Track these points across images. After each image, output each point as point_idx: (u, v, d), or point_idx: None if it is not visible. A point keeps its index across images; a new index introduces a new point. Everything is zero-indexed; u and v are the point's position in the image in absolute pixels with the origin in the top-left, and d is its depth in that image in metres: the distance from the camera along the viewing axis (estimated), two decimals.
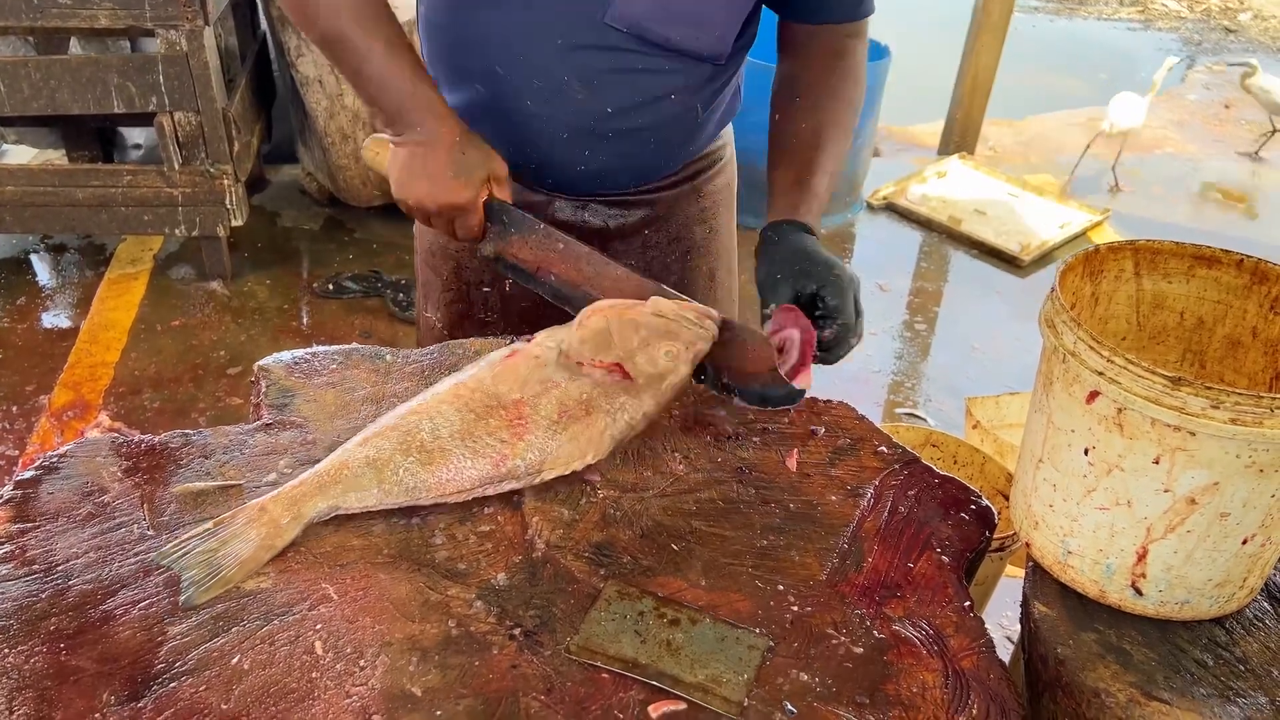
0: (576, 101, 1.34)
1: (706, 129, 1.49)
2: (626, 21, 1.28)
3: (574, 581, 1.03)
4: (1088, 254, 1.12)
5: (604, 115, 1.37)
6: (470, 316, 1.59)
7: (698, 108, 1.42)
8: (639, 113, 1.38)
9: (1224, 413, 0.90)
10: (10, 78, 3.05)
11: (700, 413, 1.28)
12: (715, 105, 1.46)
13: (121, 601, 0.96)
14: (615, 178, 1.47)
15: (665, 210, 1.52)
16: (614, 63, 1.32)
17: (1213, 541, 0.98)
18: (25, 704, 0.86)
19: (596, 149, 1.40)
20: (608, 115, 1.37)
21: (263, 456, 1.15)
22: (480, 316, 1.58)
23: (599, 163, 1.42)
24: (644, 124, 1.39)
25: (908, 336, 3.57)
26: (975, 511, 1.16)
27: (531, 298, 1.52)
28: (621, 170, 1.46)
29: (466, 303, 1.59)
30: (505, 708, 0.89)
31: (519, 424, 1.11)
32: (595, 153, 1.41)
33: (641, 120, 1.39)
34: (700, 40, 1.33)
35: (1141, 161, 5.06)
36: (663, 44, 1.31)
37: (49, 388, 3.01)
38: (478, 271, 1.56)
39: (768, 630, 0.99)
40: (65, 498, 1.07)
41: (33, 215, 3.31)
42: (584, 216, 1.50)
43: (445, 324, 1.62)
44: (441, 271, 1.59)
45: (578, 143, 1.39)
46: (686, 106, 1.41)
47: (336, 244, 3.82)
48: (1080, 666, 0.98)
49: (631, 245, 1.52)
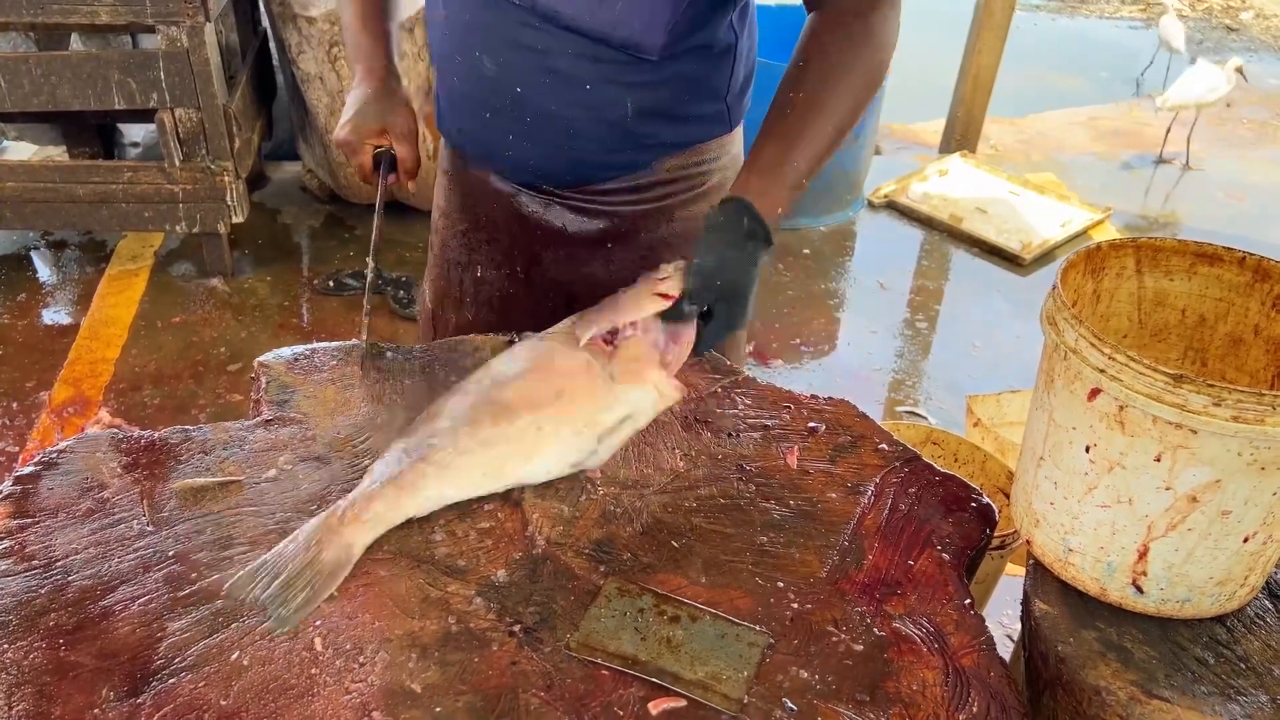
0: (488, 78, 1.33)
1: (654, 132, 1.37)
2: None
3: (574, 578, 1.03)
4: (1089, 251, 1.11)
5: (515, 95, 1.33)
6: (449, 295, 1.61)
7: (626, 103, 1.32)
8: (550, 96, 1.31)
9: (1226, 410, 0.89)
10: (11, 74, 3.04)
11: (700, 410, 1.28)
12: (663, 109, 1.35)
13: (121, 597, 0.96)
14: (550, 169, 1.40)
15: (629, 226, 1.45)
16: (517, 38, 1.28)
17: (1214, 539, 0.97)
18: (25, 699, 0.86)
19: (519, 134, 1.36)
20: (518, 95, 1.32)
21: (263, 452, 1.15)
22: (456, 295, 1.60)
23: (524, 149, 1.38)
24: (559, 110, 1.33)
25: (908, 335, 3.56)
26: (976, 509, 1.16)
27: (502, 287, 1.56)
28: (553, 160, 1.39)
29: (447, 281, 1.61)
30: (505, 704, 0.89)
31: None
32: (518, 137, 1.37)
33: (555, 105, 1.32)
34: (600, 17, 1.24)
35: (1143, 160, 5.05)
36: (554, 20, 1.25)
37: (49, 384, 3.01)
38: (456, 251, 1.57)
39: (768, 627, 0.99)
40: (65, 493, 1.07)
41: (33, 211, 3.31)
42: (546, 216, 1.47)
43: (431, 300, 1.66)
44: (434, 246, 1.63)
45: (499, 124, 1.37)
46: (608, 99, 1.31)
47: (337, 241, 3.82)
48: (1081, 664, 0.98)
49: (595, 255, 1.47)
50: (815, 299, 3.72)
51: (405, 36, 3.34)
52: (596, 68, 1.28)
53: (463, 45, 1.34)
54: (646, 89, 1.32)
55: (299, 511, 1.07)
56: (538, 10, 1.25)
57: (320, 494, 1.10)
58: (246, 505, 1.08)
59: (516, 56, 1.30)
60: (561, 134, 1.35)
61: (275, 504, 1.08)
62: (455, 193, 1.56)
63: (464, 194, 1.54)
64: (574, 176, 1.41)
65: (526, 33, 1.28)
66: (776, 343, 3.45)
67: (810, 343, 3.48)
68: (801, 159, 1.22)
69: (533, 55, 1.29)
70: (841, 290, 3.81)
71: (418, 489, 1.06)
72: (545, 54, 1.28)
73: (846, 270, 3.94)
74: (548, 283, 1.50)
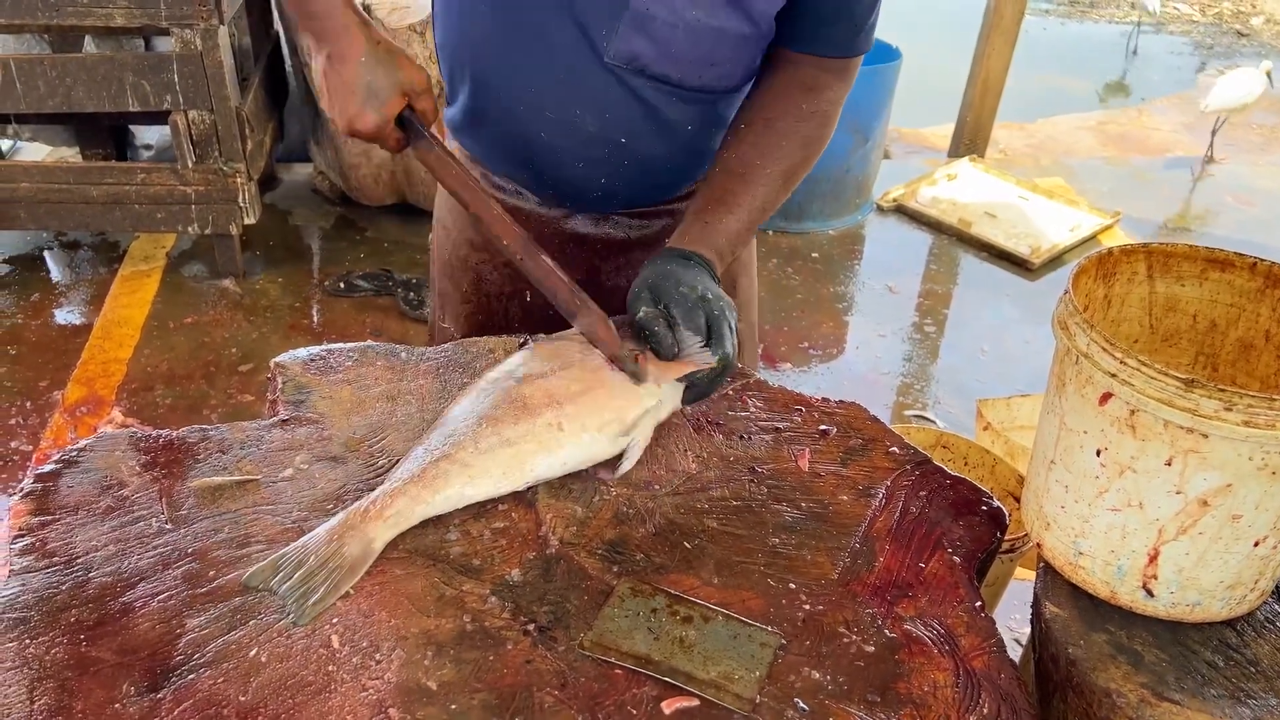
0: (588, 133, 1.34)
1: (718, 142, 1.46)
2: (624, 59, 1.28)
3: (587, 578, 1.04)
4: (1101, 256, 1.12)
5: (617, 145, 1.37)
6: (490, 327, 1.57)
7: (713, 131, 1.41)
8: (652, 141, 1.37)
9: (1237, 415, 0.90)
10: (26, 75, 3.07)
11: (712, 412, 1.29)
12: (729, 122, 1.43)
13: (140, 594, 0.97)
14: (633, 196, 1.47)
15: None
16: (622, 95, 1.31)
17: (1224, 543, 0.98)
18: (46, 694, 0.87)
19: (613, 175, 1.41)
20: (620, 145, 1.37)
21: (279, 452, 1.16)
22: (500, 325, 1.57)
23: (615, 186, 1.43)
24: (658, 152, 1.39)
25: (917, 339, 3.57)
26: (987, 512, 1.17)
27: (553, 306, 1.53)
28: (639, 190, 1.46)
29: (487, 314, 1.58)
30: (519, 702, 0.90)
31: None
32: (611, 179, 1.41)
33: (656, 149, 1.38)
34: (705, 77, 1.32)
35: (1152, 165, 5.05)
36: (664, 80, 1.31)
37: (62, 383, 3.03)
38: (498, 283, 1.55)
39: (780, 628, 1.00)
40: (85, 491, 1.08)
41: (47, 212, 3.33)
42: (605, 229, 1.50)
43: (463, 334, 1.60)
44: (461, 284, 1.58)
45: (593, 169, 1.40)
46: (706, 133, 1.40)
47: (348, 242, 3.84)
48: (1091, 667, 0.99)
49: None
50: (823, 302, 3.73)
51: (416, 39, 3.36)
52: (700, 110, 1.37)
53: (558, 103, 1.33)
54: (727, 116, 1.40)
55: (315, 510, 1.08)
56: (647, 74, 1.29)
57: (336, 493, 1.11)
58: (263, 504, 1.09)
59: (624, 112, 1.33)
60: (654, 169, 1.42)
61: (292, 503, 1.09)
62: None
63: None
64: (647, 198, 1.48)
65: (638, 91, 1.32)
66: (785, 346, 3.46)
67: (818, 346, 3.48)
68: (734, 218, 1.29)
69: (641, 110, 1.33)
70: (850, 294, 3.81)
71: (439, 487, 1.07)
72: (653, 107, 1.33)
73: (855, 274, 3.95)
74: (605, 291, 1.49)
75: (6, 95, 3.10)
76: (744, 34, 1.29)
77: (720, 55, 1.30)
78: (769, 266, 3.91)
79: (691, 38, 1.26)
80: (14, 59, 3.10)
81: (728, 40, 1.28)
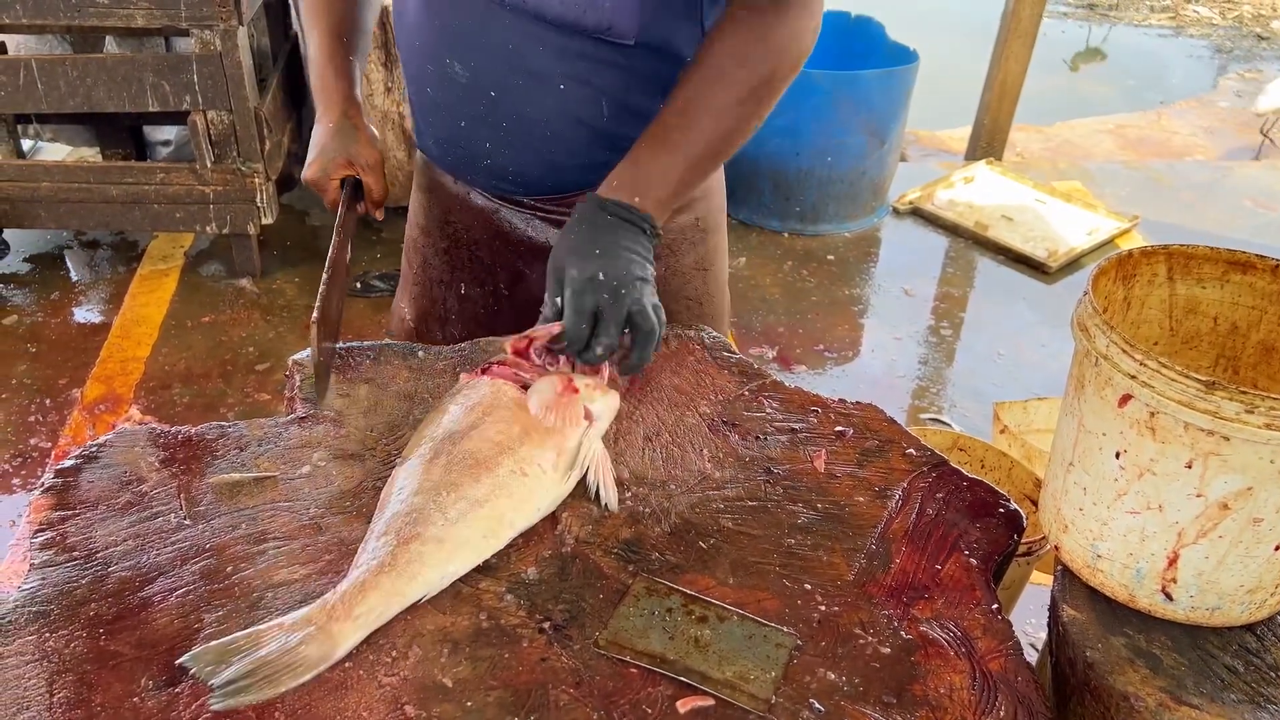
0: (461, 85, 1.32)
1: (625, 133, 1.30)
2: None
3: (603, 577, 1.04)
4: (1121, 258, 1.11)
5: (489, 100, 1.31)
6: (433, 313, 1.61)
7: (600, 102, 1.30)
8: (524, 99, 1.30)
9: (1259, 417, 0.89)
10: (47, 75, 3.10)
11: (728, 413, 1.29)
12: (634, 107, 1.32)
13: (159, 589, 0.98)
14: (529, 176, 1.39)
15: None
16: (487, 38, 1.27)
17: (1245, 547, 0.97)
18: (66, 687, 0.88)
19: (496, 141, 1.35)
20: (492, 99, 1.31)
21: (297, 449, 1.17)
22: (440, 314, 1.59)
23: (502, 156, 1.37)
24: (534, 114, 1.31)
25: (933, 342, 3.55)
26: (1004, 515, 1.16)
27: (486, 304, 1.55)
28: (530, 167, 1.37)
29: (429, 299, 1.60)
30: (534, 700, 0.90)
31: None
32: (495, 145, 1.36)
33: (529, 109, 1.30)
34: (588, 16, 1.22)
35: (1171, 168, 5.02)
36: (520, 10, 1.23)
37: (81, 382, 3.06)
38: (439, 269, 1.57)
39: (795, 629, 0.99)
40: (104, 486, 1.09)
41: (67, 211, 3.36)
42: (528, 231, 1.46)
43: (413, 318, 1.64)
44: (413, 264, 1.63)
45: (476, 133, 1.35)
46: (582, 98, 1.29)
47: (364, 243, 3.85)
48: (1109, 670, 0.98)
49: None
50: (839, 305, 3.72)
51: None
52: (568, 64, 1.27)
53: (433, 53, 1.34)
54: (619, 87, 1.30)
55: (331, 508, 1.09)
56: (505, 3, 1.24)
57: (353, 490, 1.11)
58: (281, 501, 1.09)
59: (488, 59, 1.29)
60: (538, 139, 1.34)
61: (309, 500, 1.10)
62: (435, 209, 1.55)
63: (444, 210, 1.53)
64: (552, 183, 1.39)
65: (495, 31, 1.26)
66: (800, 348, 3.45)
67: (834, 348, 3.48)
68: (669, 159, 1.22)
69: (504, 55, 1.28)
70: (866, 296, 3.80)
71: (414, 572, 0.96)
72: (516, 53, 1.27)
73: (871, 276, 3.94)
74: (532, 299, 1.38)
75: (28, 95, 3.13)
76: None
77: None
78: (784, 269, 3.90)
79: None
80: (35, 59, 3.13)
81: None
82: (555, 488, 1.10)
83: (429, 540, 0.99)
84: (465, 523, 1.01)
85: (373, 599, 0.94)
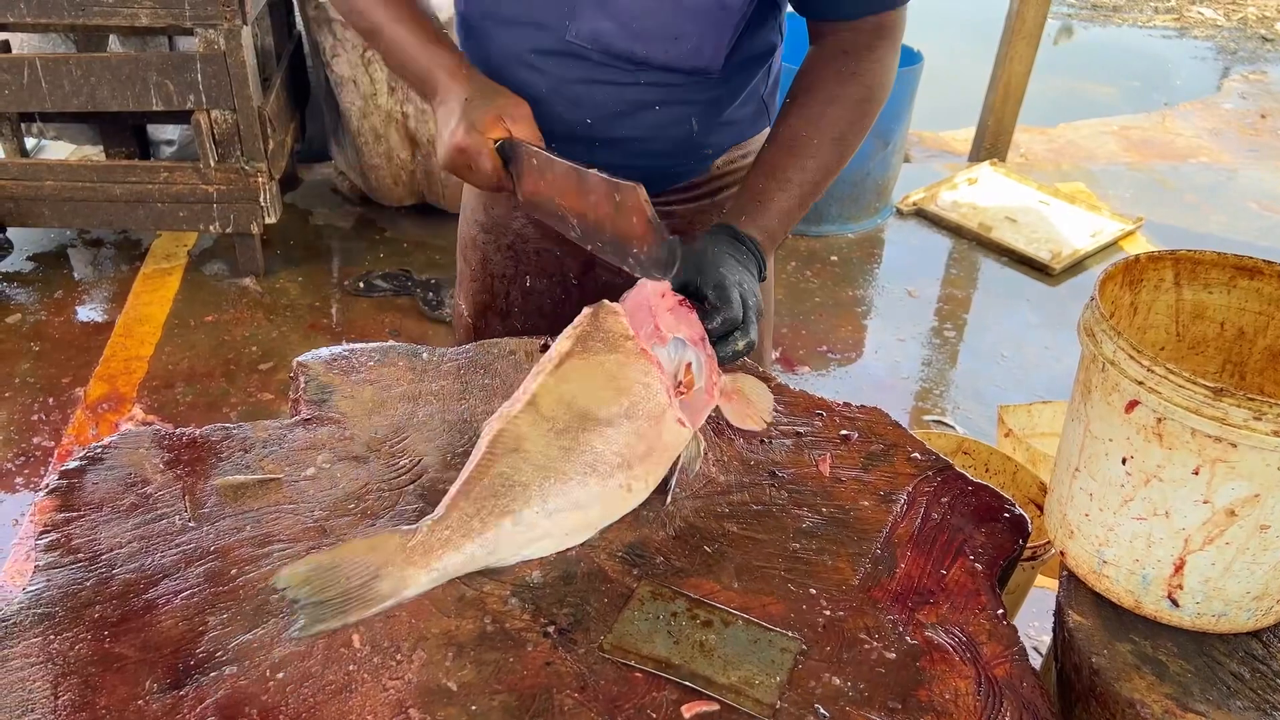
0: (555, 112, 1.35)
1: (713, 141, 1.45)
2: (588, 38, 1.29)
3: (607, 581, 1.03)
4: (1127, 263, 1.11)
5: (584, 125, 1.37)
6: (493, 307, 1.62)
7: (691, 120, 1.39)
8: (620, 123, 1.37)
9: (1267, 424, 0.89)
10: (51, 74, 3.10)
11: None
12: (720, 118, 1.42)
13: (163, 591, 0.98)
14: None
15: (683, 224, 1.52)
16: (585, 74, 1.32)
17: (1252, 554, 0.97)
18: (70, 689, 0.88)
19: (589, 157, 1.34)
20: (588, 125, 1.37)
21: (302, 451, 1.17)
22: (501, 308, 1.61)
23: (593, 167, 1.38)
24: (628, 134, 1.39)
25: (936, 344, 3.55)
26: (1009, 519, 1.16)
27: (553, 295, 1.56)
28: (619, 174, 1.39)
29: (490, 294, 1.62)
30: (539, 704, 0.90)
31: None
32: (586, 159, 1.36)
33: (625, 130, 1.38)
34: (672, 53, 1.30)
35: (1175, 170, 5.01)
36: (629, 58, 1.30)
37: (84, 380, 3.06)
38: (501, 265, 1.59)
39: (800, 634, 0.99)
40: (109, 488, 1.09)
41: (71, 210, 3.36)
42: None
43: (471, 313, 1.67)
44: (471, 262, 1.64)
45: (569, 152, 1.35)
46: (675, 118, 1.38)
47: (368, 242, 3.85)
48: (1115, 677, 0.98)
49: None
50: (842, 306, 3.71)
51: None
52: (665, 92, 1.35)
53: (527, 86, 1.34)
54: (711, 103, 1.39)
55: (336, 510, 1.09)
56: (612, 52, 1.30)
57: (358, 493, 1.11)
58: (285, 503, 1.09)
59: (587, 92, 1.34)
60: (629, 154, 1.40)
61: (314, 502, 1.10)
62: (497, 208, 1.57)
63: (508, 207, 1.56)
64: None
65: (600, 70, 1.32)
66: (803, 349, 3.45)
67: (837, 350, 3.47)
68: (786, 194, 1.31)
69: (604, 89, 1.34)
70: (869, 298, 3.80)
71: (494, 548, 1.02)
72: (616, 86, 1.34)
73: (874, 278, 3.94)
74: (600, 287, 1.51)
75: (32, 94, 3.13)
76: (704, 4, 1.26)
77: (684, 29, 1.28)
78: (788, 269, 3.90)
79: (651, 12, 1.26)
80: (39, 58, 3.13)
81: (688, 13, 1.27)
82: (646, 496, 1.12)
83: (521, 523, 1.03)
84: (559, 518, 1.05)
85: (451, 557, 1.00)
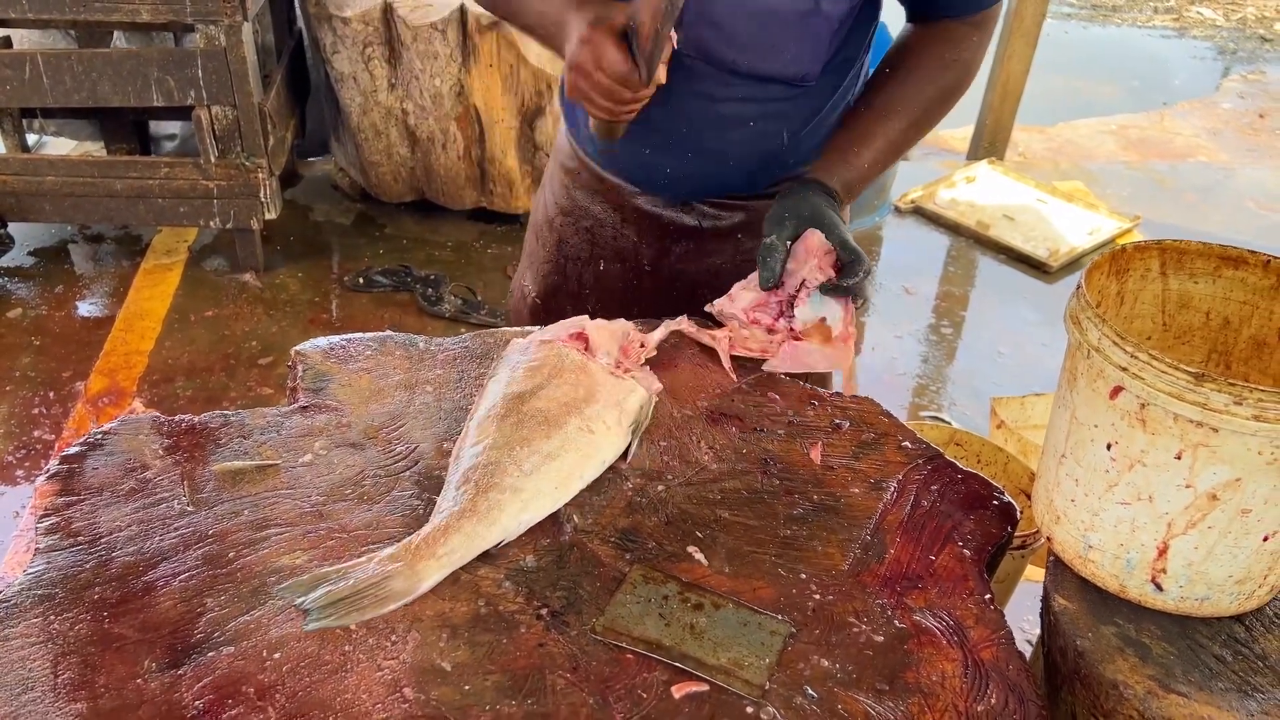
0: (654, 121, 1.37)
1: (802, 152, 1.47)
2: (693, 46, 1.31)
3: (600, 565, 1.05)
4: (1114, 253, 1.12)
5: (680, 134, 1.41)
6: (565, 289, 1.65)
7: (783, 134, 1.43)
8: (714, 135, 1.41)
9: (1247, 409, 0.90)
10: (53, 70, 3.11)
11: (727, 405, 1.30)
12: (811, 128, 1.45)
13: (162, 574, 0.99)
14: (702, 187, 1.50)
15: (760, 218, 1.51)
16: (687, 84, 1.34)
17: (1234, 538, 0.98)
18: (70, 668, 0.90)
19: (680, 164, 1.44)
20: (683, 134, 1.41)
21: (299, 438, 1.18)
22: (573, 289, 1.64)
23: (683, 174, 1.46)
24: (721, 146, 1.42)
25: (933, 340, 3.56)
26: (998, 507, 1.17)
27: (625, 280, 1.59)
28: (709, 181, 1.49)
29: (563, 275, 1.64)
30: (532, 684, 0.92)
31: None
32: (678, 168, 1.45)
33: (718, 143, 1.42)
34: (771, 63, 1.34)
35: (1173, 169, 5.03)
36: (732, 68, 1.34)
37: (85, 374, 3.07)
38: (578, 247, 1.61)
39: (790, 617, 1.01)
40: (109, 473, 1.11)
41: (71, 205, 3.38)
42: (681, 214, 1.53)
43: (540, 293, 1.68)
44: (547, 243, 1.66)
45: (659, 159, 1.44)
46: (771, 130, 1.42)
47: (367, 239, 3.87)
48: (1099, 659, 0.99)
49: (724, 245, 1.54)
50: None
51: (438, 37, 3.38)
52: (759, 106, 1.39)
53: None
54: (804, 115, 1.43)
55: (332, 495, 1.10)
56: (712, 60, 1.33)
57: (354, 478, 1.13)
58: (283, 488, 1.11)
59: (685, 102, 1.37)
60: (722, 165, 1.45)
61: (310, 487, 1.11)
62: (581, 191, 1.59)
63: (593, 193, 1.58)
64: (717, 189, 1.51)
65: (698, 82, 1.35)
66: None
67: None
68: (870, 151, 1.39)
69: (701, 101, 1.37)
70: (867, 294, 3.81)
71: (494, 519, 1.04)
72: (713, 99, 1.37)
73: (872, 274, 3.95)
74: (674, 273, 1.56)
75: (34, 89, 3.15)
76: (802, 13, 1.29)
77: (784, 40, 1.32)
78: None
79: (753, 21, 1.30)
80: (41, 53, 3.14)
81: (788, 22, 1.31)
82: (618, 442, 1.18)
83: (506, 490, 1.06)
84: (539, 475, 1.09)
85: (454, 541, 1.01)
